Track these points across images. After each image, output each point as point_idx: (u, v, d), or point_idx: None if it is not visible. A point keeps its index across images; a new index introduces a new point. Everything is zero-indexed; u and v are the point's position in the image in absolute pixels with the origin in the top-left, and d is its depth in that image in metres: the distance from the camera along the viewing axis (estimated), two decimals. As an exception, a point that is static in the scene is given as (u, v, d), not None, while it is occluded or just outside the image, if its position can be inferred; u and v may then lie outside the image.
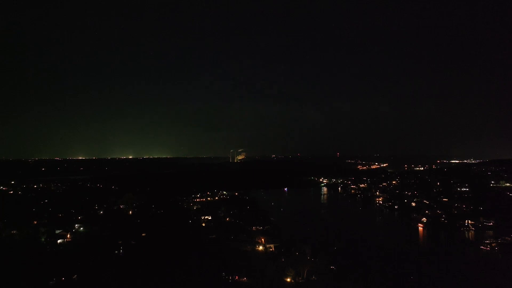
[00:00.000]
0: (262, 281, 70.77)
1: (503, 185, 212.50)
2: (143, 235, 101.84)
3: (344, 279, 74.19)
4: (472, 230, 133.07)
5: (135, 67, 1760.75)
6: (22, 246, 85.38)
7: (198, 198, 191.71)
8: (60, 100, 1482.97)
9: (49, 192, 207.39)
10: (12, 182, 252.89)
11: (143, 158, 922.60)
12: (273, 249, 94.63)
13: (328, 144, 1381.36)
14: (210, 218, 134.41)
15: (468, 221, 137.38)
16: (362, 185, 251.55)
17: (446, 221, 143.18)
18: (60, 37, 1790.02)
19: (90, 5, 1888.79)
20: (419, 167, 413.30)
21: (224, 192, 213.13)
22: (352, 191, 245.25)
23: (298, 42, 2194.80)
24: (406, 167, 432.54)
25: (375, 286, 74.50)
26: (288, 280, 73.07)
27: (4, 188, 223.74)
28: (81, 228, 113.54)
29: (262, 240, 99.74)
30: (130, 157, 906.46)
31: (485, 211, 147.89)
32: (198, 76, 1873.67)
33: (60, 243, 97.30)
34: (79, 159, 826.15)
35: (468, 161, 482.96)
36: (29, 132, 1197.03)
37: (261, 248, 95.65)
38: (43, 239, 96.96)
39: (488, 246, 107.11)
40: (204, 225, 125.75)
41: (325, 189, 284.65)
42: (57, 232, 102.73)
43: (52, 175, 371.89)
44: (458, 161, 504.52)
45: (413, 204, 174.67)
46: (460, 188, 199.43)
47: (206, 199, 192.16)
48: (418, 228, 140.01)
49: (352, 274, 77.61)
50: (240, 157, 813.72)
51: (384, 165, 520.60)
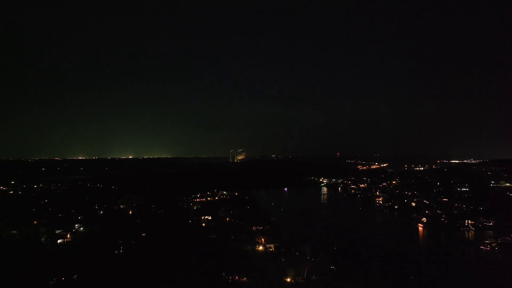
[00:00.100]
0: (262, 281, 70.76)
1: (503, 185, 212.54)
2: (143, 235, 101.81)
3: (344, 279, 74.22)
4: (472, 230, 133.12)
5: (135, 67, 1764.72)
6: (22, 246, 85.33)
7: (198, 198, 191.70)
8: (60, 100, 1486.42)
9: (49, 192, 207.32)
10: (12, 182, 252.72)
11: (143, 158, 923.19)
12: (273, 249, 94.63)
13: (328, 144, 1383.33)
14: (210, 218, 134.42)
15: (468, 221, 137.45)
16: (362, 185, 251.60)
17: (446, 221, 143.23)
18: (60, 37, 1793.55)
19: (90, 5, 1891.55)
20: (419, 167, 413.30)
21: (224, 192, 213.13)
22: (352, 191, 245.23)
23: (298, 42, 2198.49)
24: (406, 167, 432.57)
25: (375, 286, 74.53)
26: (288, 280, 73.06)
27: (4, 188, 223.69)
28: (81, 228, 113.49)
29: (262, 240, 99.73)
30: (130, 157, 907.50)
31: (485, 211, 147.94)
32: (198, 76, 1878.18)
33: (60, 243, 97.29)
34: (79, 159, 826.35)
35: (468, 161, 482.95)
36: (29, 132, 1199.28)
37: (261, 248, 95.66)
38: (43, 239, 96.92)
39: (488, 246, 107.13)
40: (204, 225, 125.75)
41: (325, 189, 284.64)
42: (57, 232, 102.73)
43: (52, 175, 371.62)
44: (458, 161, 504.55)
45: (413, 204, 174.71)
46: (460, 188, 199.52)
47: (206, 199, 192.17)
48: (418, 228, 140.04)
49: (352, 274, 77.64)
50: (240, 157, 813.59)
51: (384, 165, 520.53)
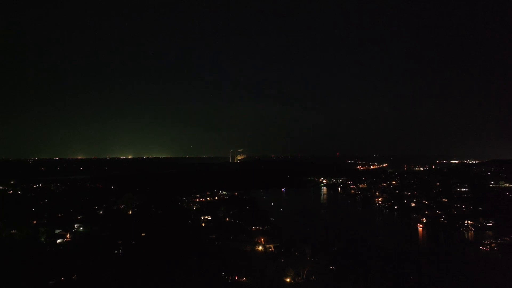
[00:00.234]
0: (262, 281, 70.71)
1: (503, 186, 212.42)
2: (143, 235, 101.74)
3: (344, 279, 74.19)
4: (471, 230, 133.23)
5: (135, 67, 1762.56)
6: (22, 246, 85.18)
7: (198, 198, 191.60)
8: (60, 100, 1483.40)
9: (49, 192, 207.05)
10: (12, 182, 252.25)
11: (143, 158, 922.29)
12: (273, 249, 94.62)
13: (328, 144, 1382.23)
14: (210, 218, 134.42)
15: (467, 222, 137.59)
16: (362, 185, 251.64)
17: (445, 222, 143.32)
18: (60, 37, 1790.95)
19: (90, 5, 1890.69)
20: (419, 167, 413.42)
21: (224, 192, 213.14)
22: (352, 191, 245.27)
23: (298, 42, 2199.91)
24: (406, 167, 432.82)
25: (375, 286, 74.55)
26: (288, 280, 73.01)
27: (4, 188, 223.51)
28: (81, 228, 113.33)
29: (262, 240, 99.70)
30: (130, 157, 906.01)
31: (485, 211, 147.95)
32: (198, 76, 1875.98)
33: (59, 243, 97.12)
34: (79, 159, 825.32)
35: (468, 161, 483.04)
36: (29, 132, 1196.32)
37: (261, 248, 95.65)
38: (42, 239, 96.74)
39: (488, 247, 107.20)
40: (204, 225, 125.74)
41: (324, 189, 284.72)
42: (57, 232, 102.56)
43: (52, 175, 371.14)
44: (457, 162, 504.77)
45: (413, 205, 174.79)
46: (460, 188, 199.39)
47: (206, 199, 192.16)
48: (417, 228, 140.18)
49: (352, 274, 77.64)
50: (240, 157, 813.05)
51: (384, 165, 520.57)
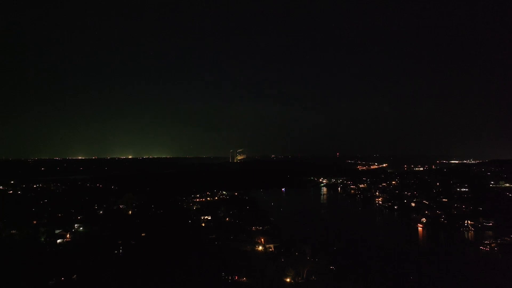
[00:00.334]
0: (262, 281, 70.71)
1: (503, 186, 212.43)
2: (143, 235, 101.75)
3: (344, 279, 74.19)
4: (471, 230, 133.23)
5: (135, 67, 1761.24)
6: (22, 246, 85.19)
7: (198, 198, 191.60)
8: (60, 100, 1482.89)
9: (49, 192, 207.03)
10: (12, 182, 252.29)
11: (143, 158, 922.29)
12: (273, 249, 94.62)
13: (328, 144, 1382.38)
14: (210, 218, 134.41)
15: (467, 222, 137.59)
16: (362, 185, 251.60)
17: (445, 222, 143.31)
18: (60, 37, 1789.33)
19: (90, 5, 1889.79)
20: (419, 167, 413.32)
21: (224, 192, 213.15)
22: (352, 191, 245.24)
23: (298, 42, 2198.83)
24: (405, 167, 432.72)
25: (375, 286, 74.56)
26: (288, 280, 73.00)
27: (4, 188, 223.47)
28: (81, 228, 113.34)
29: (262, 240, 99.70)
30: (130, 157, 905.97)
31: (485, 211, 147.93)
32: (198, 76, 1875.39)
33: (59, 243, 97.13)
34: (79, 159, 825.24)
35: (468, 161, 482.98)
36: (29, 132, 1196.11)
37: (261, 248, 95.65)
38: (42, 239, 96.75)
39: (488, 247, 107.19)
40: (204, 225, 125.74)
41: (324, 189, 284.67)
42: (57, 232, 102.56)
43: (52, 175, 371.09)
44: (457, 162, 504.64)
45: (413, 205, 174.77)
46: (460, 188, 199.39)
47: (206, 199, 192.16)
48: (417, 228, 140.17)
49: (352, 274, 77.64)
50: (240, 157, 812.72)
51: (384, 165, 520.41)
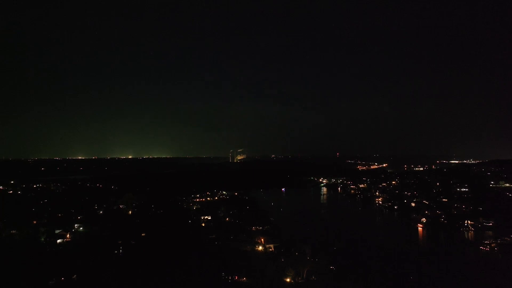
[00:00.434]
0: (262, 281, 70.72)
1: (503, 186, 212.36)
2: (143, 235, 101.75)
3: (344, 279, 74.20)
4: (471, 230, 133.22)
5: (135, 67, 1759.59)
6: (22, 246, 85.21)
7: (198, 198, 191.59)
8: (60, 100, 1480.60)
9: (49, 192, 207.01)
10: (12, 182, 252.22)
11: (143, 158, 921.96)
12: (273, 249, 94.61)
13: (328, 144, 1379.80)
14: (210, 218, 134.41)
15: (467, 222, 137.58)
16: (362, 185, 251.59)
17: (445, 222, 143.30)
18: (60, 37, 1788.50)
19: (90, 5, 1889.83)
20: (419, 167, 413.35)
21: (224, 192, 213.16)
22: (352, 191, 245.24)
23: (298, 42, 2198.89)
24: (405, 167, 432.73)
25: (375, 286, 74.55)
26: (288, 280, 73.01)
27: (4, 188, 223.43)
28: (81, 228, 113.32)
29: (262, 240, 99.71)
30: (130, 157, 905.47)
31: (485, 211, 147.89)
32: (198, 76, 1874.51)
33: (59, 243, 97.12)
34: (79, 159, 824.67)
35: (468, 161, 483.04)
36: (29, 132, 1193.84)
37: (261, 248, 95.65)
38: (42, 239, 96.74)
39: (488, 247, 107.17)
40: (204, 225, 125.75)
41: (324, 189, 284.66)
42: (57, 232, 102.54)
43: (52, 175, 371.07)
44: (457, 162, 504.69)
45: (413, 205, 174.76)
46: (460, 188, 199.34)
47: (206, 199, 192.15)
48: (417, 228, 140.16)
49: (352, 274, 77.63)
50: (240, 157, 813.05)
51: (384, 165, 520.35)
